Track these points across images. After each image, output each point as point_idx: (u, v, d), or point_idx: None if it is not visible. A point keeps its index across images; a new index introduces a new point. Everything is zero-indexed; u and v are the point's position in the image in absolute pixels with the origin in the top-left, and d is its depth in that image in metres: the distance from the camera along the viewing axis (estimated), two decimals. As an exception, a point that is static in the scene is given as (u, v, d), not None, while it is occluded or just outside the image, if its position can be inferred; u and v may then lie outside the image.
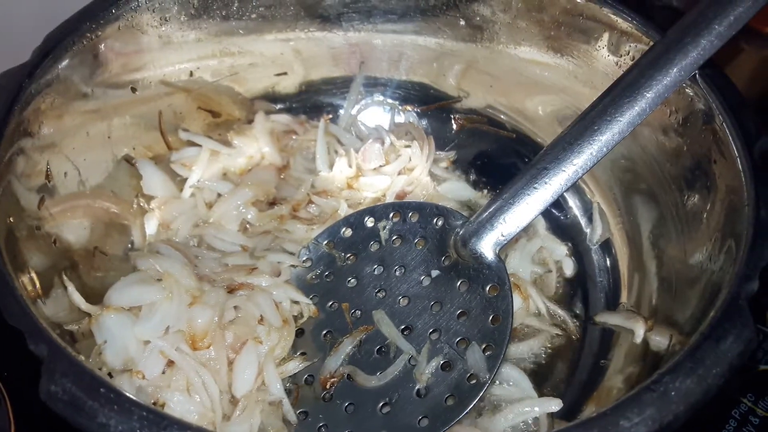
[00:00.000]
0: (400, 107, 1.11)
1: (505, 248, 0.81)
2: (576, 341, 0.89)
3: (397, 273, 0.86)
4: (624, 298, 0.88)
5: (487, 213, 0.79)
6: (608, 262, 0.94)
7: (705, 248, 0.71)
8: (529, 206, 0.76)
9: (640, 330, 0.81)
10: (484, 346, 0.77)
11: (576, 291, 0.94)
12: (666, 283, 0.80)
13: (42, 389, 0.47)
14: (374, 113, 1.11)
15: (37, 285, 0.68)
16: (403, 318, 0.82)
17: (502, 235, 0.78)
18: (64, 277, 0.76)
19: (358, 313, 0.85)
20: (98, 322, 0.77)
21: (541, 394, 0.82)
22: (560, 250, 0.97)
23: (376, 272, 0.87)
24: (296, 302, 0.87)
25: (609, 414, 0.48)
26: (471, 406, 0.74)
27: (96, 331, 0.77)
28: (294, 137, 1.05)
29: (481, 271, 0.80)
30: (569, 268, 0.96)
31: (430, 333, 0.80)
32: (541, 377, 0.85)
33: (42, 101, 0.73)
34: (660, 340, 0.76)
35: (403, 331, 0.81)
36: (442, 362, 0.78)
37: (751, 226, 0.61)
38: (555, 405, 0.79)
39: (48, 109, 0.75)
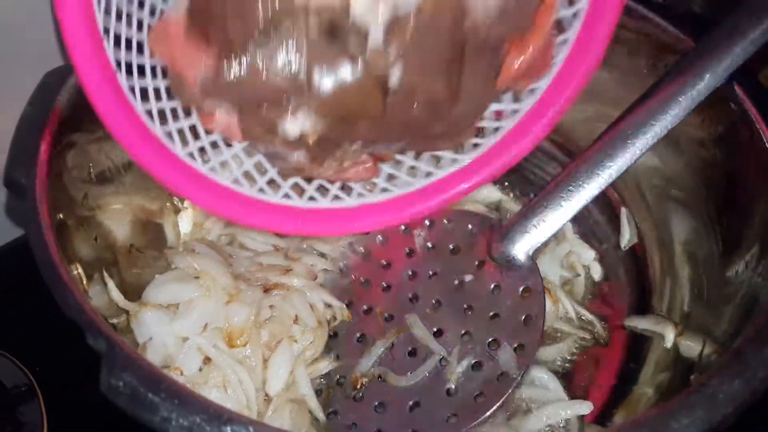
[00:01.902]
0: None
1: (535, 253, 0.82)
2: (605, 345, 0.89)
3: (430, 278, 0.86)
4: (654, 302, 0.89)
5: (521, 216, 0.80)
6: (638, 267, 0.94)
7: (741, 257, 0.71)
8: (563, 209, 0.77)
9: (670, 335, 0.82)
10: (515, 346, 0.78)
11: (605, 295, 0.95)
12: (698, 289, 0.81)
13: (102, 383, 0.48)
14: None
15: (84, 281, 0.69)
16: (435, 321, 0.83)
17: (536, 239, 0.79)
18: (105, 274, 0.77)
19: (391, 316, 0.85)
20: (138, 319, 0.78)
21: (571, 397, 0.83)
22: (588, 255, 0.98)
23: (409, 277, 0.87)
24: (329, 305, 0.88)
25: (659, 415, 0.49)
26: (500, 402, 0.75)
27: (136, 327, 0.78)
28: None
29: (514, 274, 0.80)
30: (597, 273, 0.97)
31: (462, 335, 0.81)
32: (570, 380, 0.86)
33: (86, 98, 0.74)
34: (691, 346, 0.77)
35: (434, 333, 0.82)
36: (473, 362, 0.79)
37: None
38: (586, 408, 0.80)
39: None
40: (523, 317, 0.79)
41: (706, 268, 0.80)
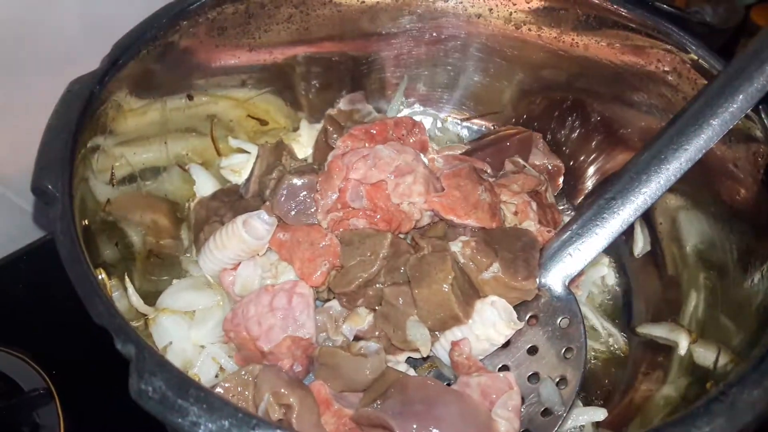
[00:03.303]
0: (441, 117, 1.13)
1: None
2: (622, 356, 0.90)
3: None
4: (668, 310, 0.89)
5: (555, 245, 0.79)
6: (651, 275, 0.94)
7: (758, 267, 0.72)
8: (598, 237, 0.76)
9: (684, 342, 0.82)
10: (557, 380, 0.76)
11: (619, 302, 0.96)
12: (713, 297, 0.81)
13: (132, 388, 0.49)
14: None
15: (108, 285, 0.70)
16: None
17: (572, 267, 0.78)
18: (126, 279, 0.78)
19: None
20: (157, 323, 0.80)
21: (586, 404, 0.84)
22: (603, 261, 0.98)
23: None
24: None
25: (680, 423, 0.49)
26: None
27: (155, 332, 0.80)
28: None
29: (552, 304, 0.79)
30: (612, 279, 0.98)
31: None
32: (586, 387, 0.86)
33: (110, 106, 0.76)
34: (706, 354, 0.77)
35: None
36: None
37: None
38: (601, 414, 0.81)
39: (115, 113, 0.77)
40: (564, 349, 0.77)
41: (721, 277, 0.80)
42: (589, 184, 1.05)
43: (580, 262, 0.78)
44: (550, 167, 1.02)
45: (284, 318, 0.76)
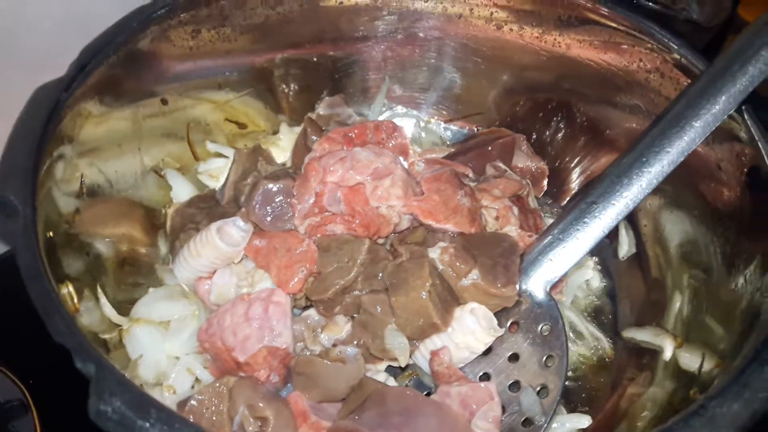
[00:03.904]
0: (424, 119, 1.11)
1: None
2: (605, 360, 0.88)
3: None
4: (652, 314, 0.87)
5: (535, 250, 0.78)
6: (636, 277, 0.93)
7: (742, 271, 0.70)
8: (579, 242, 0.75)
9: (668, 347, 0.81)
10: (538, 389, 0.75)
11: (604, 306, 0.94)
12: (698, 300, 0.80)
13: (91, 409, 0.47)
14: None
15: (75, 298, 0.68)
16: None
17: (553, 273, 0.77)
18: (98, 289, 0.76)
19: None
20: (130, 334, 0.78)
21: (570, 411, 0.82)
22: (585, 263, 0.97)
23: None
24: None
25: (658, 439, 0.48)
26: None
27: (128, 343, 0.78)
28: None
29: (533, 311, 0.77)
30: (596, 281, 0.96)
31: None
32: (570, 394, 0.85)
33: (78, 114, 0.74)
34: (690, 358, 0.76)
35: None
36: None
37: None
38: (585, 421, 0.80)
39: (83, 121, 0.75)
40: (545, 357, 0.76)
41: (705, 279, 0.79)
42: (575, 185, 1.04)
43: (562, 267, 0.76)
44: (533, 169, 1.00)
45: (260, 328, 0.74)
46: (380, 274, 0.77)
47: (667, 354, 0.80)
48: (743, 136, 0.74)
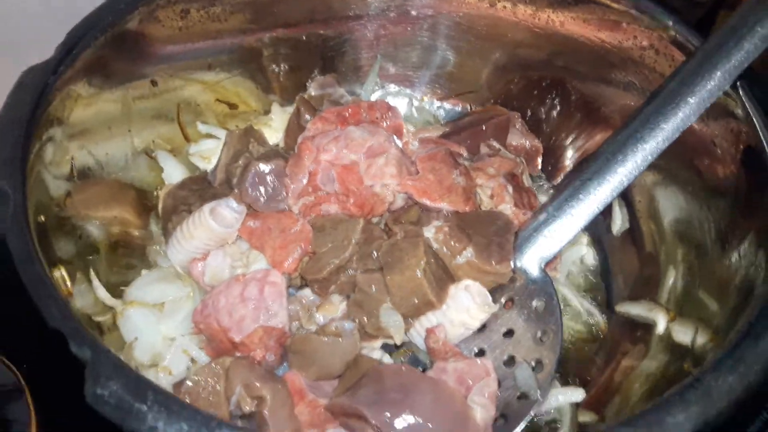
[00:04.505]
0: (417, 98, 1.10)
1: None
2: (599, 334, 0.89)
3: None
4: (646, 288, 0.88)
5: (530, 228, 0.78)
6: (630, 252, 0.93)
7: (737, 245, 0.71)
8: (573, 218, 0.75)
9: (662, 321, 0.81)
10: (533, 363, 0.75)
11: (598, 281, 0.95)
12: (692, 275, 0.80)
13: (88, 393, 0.48)
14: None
15: (68, 282, 0.68)
16: None
17: (548, 249, 0.77)
18: (91, 272, 0.76)
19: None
20: (124, 317, 0.78)
21: (564, 384, 0.83)
22: (579, 239, 0.97)
23: None
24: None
25: (654, 411, 0.48)
26: (521, 425, 0.72)
27: (123, 325, 0.78)
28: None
29: (527, 287, 0.78)
30: (590, 259, 0.97)
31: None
32: (565, 368, 0.85)
33: (66, 96, 0.73)
34: (684, 332, 0.76)
35: None
36: None
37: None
38: (579, 395, 0.80)
39: (72, 103, 0.74)
40: (540, 332, 0.76)
41: (699, 255, 0.79)
42: (569, 163, 1.03)
43: (556, 243, 0.77)
44: (528, 147, 1.00)
45: (256, 308, 0.74)
46: (375, 254, 0.77)
47: (660, 328, 0.81)
48: (738, 113, 0.74)
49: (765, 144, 0.68)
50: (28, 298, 0.79)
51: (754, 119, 0.71)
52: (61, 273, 0.67)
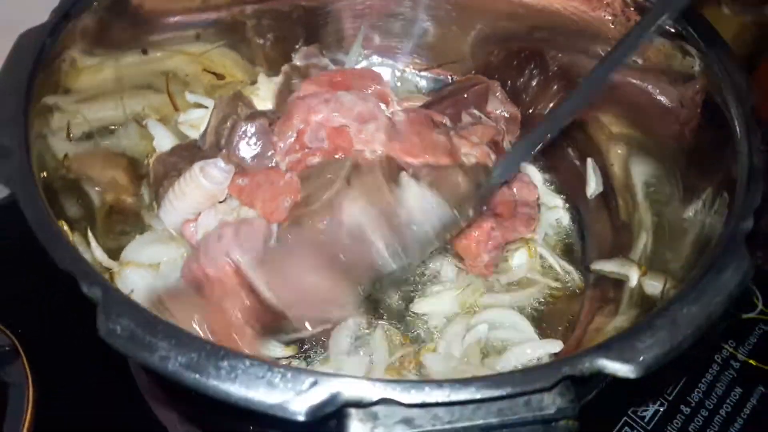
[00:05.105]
0: (399, 68, 1.14)
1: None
2: (579, 293, 0.94)
3: None
4: (620, 247, 0.92)
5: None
6: (604, 215, 0.98)
7: (699, 198, 0.75)
8: (524, 146, 0.78)
9: (634, 275, 0.85)
10: None
11: (575, 243, 1.00)
12: (661, 231, 0.85)
13: (101, 328, 0.50)
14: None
15: (70, 236, 0.70)
16: None
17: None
18: (89, 233, 0.78)
19: None
20: (122, 276, 0.80)
21: (543, 338, 0.87)
22: (556, 202, 1.02)
23: None
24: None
25: (625, 337, 0.53)
26: None
27: (120, 284, 0.80)
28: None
29: None
30: (566, 219, 1.02)
31: None
32: (542, 322, 0.90)
33: (63, 61, 0.75)
34: (655, 285, 0.81)
35: None
36: None
37: (745, 172, 0.66)
38: (556, 346, 0.85)
39: (68, 68, 0.76)
40: None
41: (668, 211, 0.84)
42: (548, 130, 1.07)
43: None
44: (507, 115, 1.03)
45: (228, 244, 0.73)
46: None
47: (633, 282, 0.85)
48: (697, 70, 0.79)
49: (724, 100, 0.73)
50: (21, 261, 0.81)
51: (714, 77, 0.75)
52: (65, 228, 0.69)
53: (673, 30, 0.81)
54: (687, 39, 0.80)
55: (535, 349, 0.85)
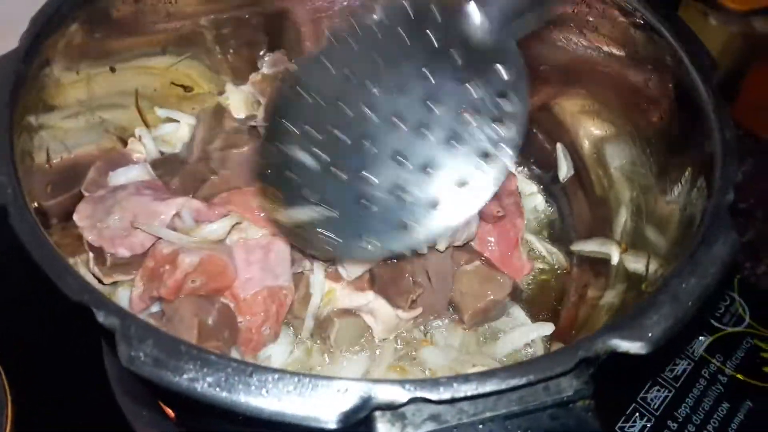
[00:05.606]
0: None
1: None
2: (565, 273, 0.97)
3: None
4: (599, 227, 0.95)
5: None
6: (580, 198, 1.01)
7: (677, 179, 0.78)
8: None
9: (615, 253, 0.89)
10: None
11: (556, 226, 1.03)
12: (638, 211, 0.87)
13: (123, 356, 0.49)
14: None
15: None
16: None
17: None
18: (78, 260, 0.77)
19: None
20: (117, 296, 0.80)
21: (534, 321, 0.90)
22: (530, 188, 1.06)
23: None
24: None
25: (633, 316, 0.55)
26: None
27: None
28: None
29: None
30: (541, 204, 1.05)
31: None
32: (532, 306, 0.93)
33: (37, 83, 0.73)
34: (636, 261, 0.84)
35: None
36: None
37: (719, 147, 0.69)
38: (548, 329, 0.88)
39: (43, 91, 0.75)
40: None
41: (644, 191, 0.87)
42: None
43: None
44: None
45: (262, 269, 0.77)
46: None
47: (614, 259, 0.88)
48: (667, 53, 0.81)
49: (694, 82, 0.76)
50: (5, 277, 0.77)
51: (683, 58, 0.78)
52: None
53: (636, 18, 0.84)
54: (648, 23, 0.82)
55: (527, 333, 0.87)
